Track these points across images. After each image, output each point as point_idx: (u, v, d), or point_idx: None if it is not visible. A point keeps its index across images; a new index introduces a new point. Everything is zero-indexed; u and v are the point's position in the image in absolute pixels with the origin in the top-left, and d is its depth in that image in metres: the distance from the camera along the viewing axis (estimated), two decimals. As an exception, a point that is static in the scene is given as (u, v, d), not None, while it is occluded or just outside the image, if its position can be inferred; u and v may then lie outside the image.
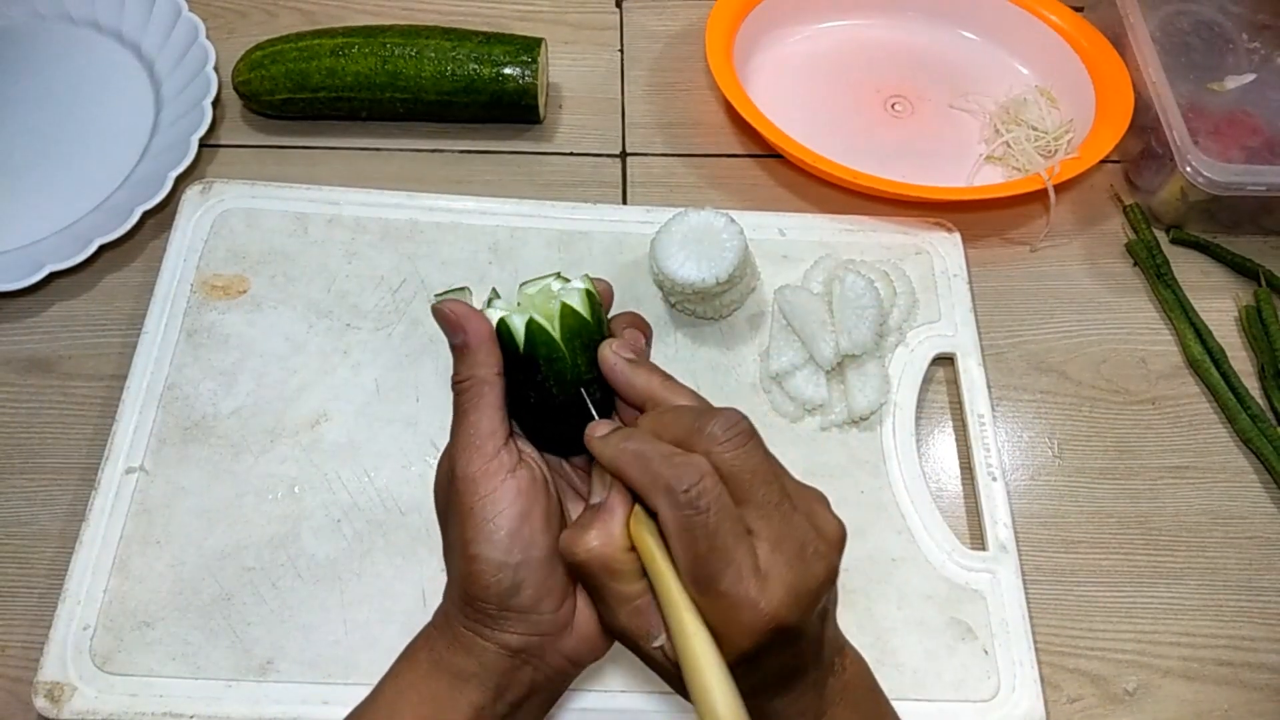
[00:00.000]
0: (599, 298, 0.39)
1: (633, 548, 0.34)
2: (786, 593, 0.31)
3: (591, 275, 0.40)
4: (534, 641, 0.36)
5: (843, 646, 0.37)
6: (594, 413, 0.38)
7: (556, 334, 0.37)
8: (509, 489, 0.35)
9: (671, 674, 0.34)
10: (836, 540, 0.34)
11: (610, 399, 0.39)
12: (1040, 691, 0.48)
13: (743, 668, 0.32)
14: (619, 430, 0.36)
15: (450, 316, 0.37)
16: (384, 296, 0.58)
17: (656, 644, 0.34)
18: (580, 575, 0.35)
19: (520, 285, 0.40)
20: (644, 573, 0.34)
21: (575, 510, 0.39)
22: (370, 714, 0.37)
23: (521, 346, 0.37)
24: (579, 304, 0.38)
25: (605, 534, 0.34)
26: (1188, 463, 0.57)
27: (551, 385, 0.37)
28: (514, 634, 0.36)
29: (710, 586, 0.31)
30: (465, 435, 0.36)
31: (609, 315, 0.41)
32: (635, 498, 0.35)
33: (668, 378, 0.37)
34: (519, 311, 0.38)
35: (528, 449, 0.38)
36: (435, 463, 0.39)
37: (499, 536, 0.35)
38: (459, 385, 0.37)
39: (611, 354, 0.37)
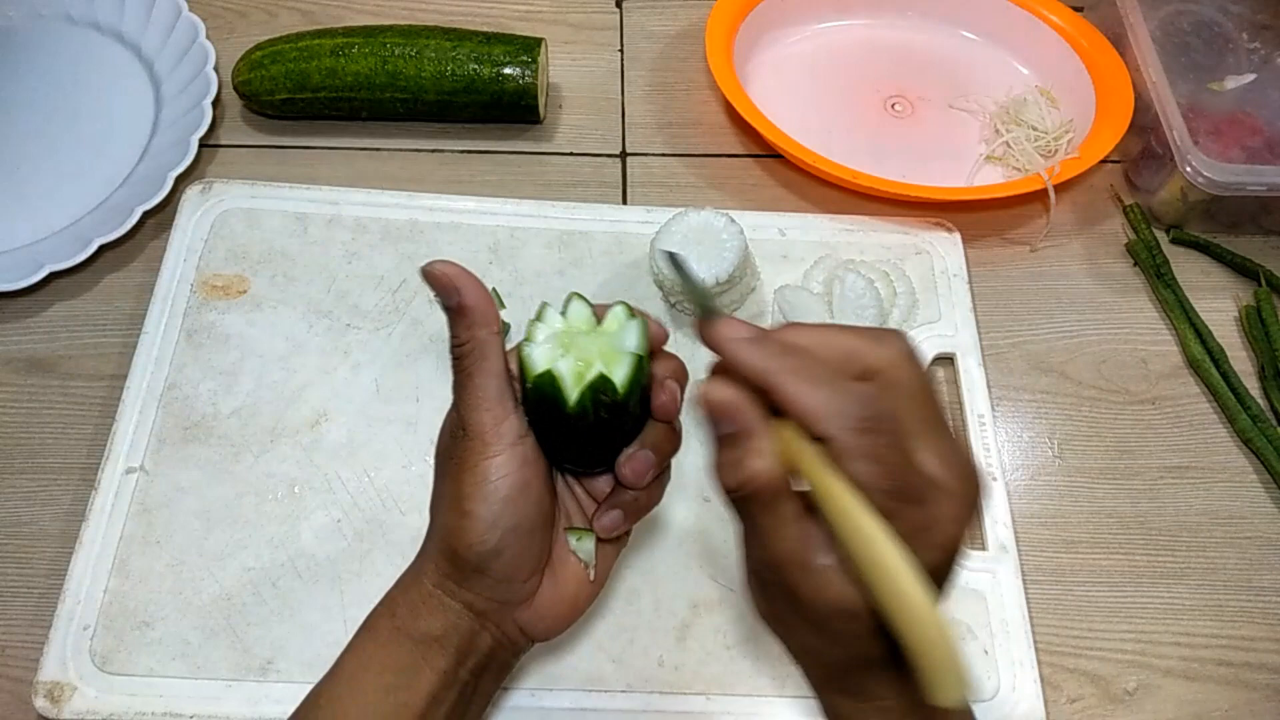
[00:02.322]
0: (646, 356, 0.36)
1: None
2: (965, 507, 0.31)
3: (653, 319, 0.37)
4: (495, 606, 0.37)
5: None
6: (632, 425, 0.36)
7: (623, 390, 0.35)
8: (516, 455, 0.35)
9: (827, 606, 0.31)
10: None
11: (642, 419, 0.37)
12: (1040, 692, 0.48)
13: None
14: (764, 338, 0.32)
15: (442, 278, 0.35)
16: (384, 297, 0.58)
17: (823, 569, 0.31)
18: (742, 507, 0.32)
19: (543, 308, 0.37)
20: (797, 496, 0.31)
21: (566, 509, 0.40)
22: (331, 689, 0.37)
23: (575, 406, 0.35)
24: (620, 376, 0.35)
25: (763, 456, 0.31)
26: (1188, 463, 0.57)
27: (595, 430, 0.36)
28: (479, 596, 0.36)
29: (903, 505, 0.29)
30: (474, 396, 0.35)
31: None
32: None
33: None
34: (554, 348, 0.35)
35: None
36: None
37: (496, 498, 0.35)
38: (460, 349, 0.36)
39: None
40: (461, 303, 0.35)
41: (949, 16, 0.74)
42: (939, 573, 0.30)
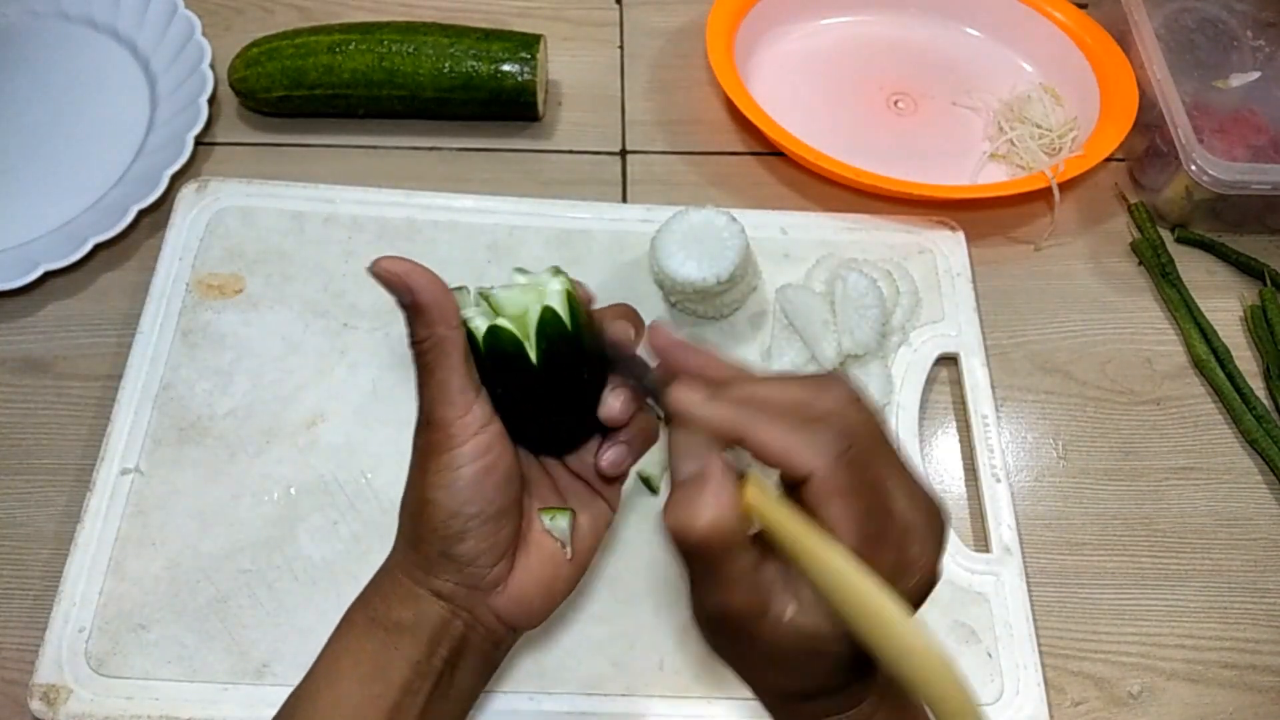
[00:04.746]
0: (578, 299, 0.38)
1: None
2: (935, 546, 0.31)
3: (576, 279, 0.38)
4: (463, 592, 0.37)
5: None
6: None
7: (532, 338, 0.36)
8: (479, 443, 0.35)
9: (792, 649, 0.31)
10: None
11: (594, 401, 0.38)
12: (1044, 695, 0.48)
13: None
14: (721, 394, 0.32)
15: (392, 278, 0.34)
16: (381, 296, 0.56)
17: (787, 616, 0.30)
18: (693, 555, 0.31)
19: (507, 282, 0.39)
20: (751, 542, 0.31)
21: (541, 491, 0.39)
22: (311, 679, 0.37)
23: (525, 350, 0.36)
24: (560, 307, 0.36)
25: (720, 504, 0.30)
26: (1192, 464, 0.56)
27: (541, 390, 0.37)
28: (447, 581, 0.36)
29: (880, 548, 0.30)
30: (436, 391, 0.35)
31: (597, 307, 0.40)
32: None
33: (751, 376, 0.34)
34: (488, 313, 0.37)
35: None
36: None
37: (458, 486, 0.35)
38: (420, 346, 0.35)
39: (685, 394, 0.33)
40: (416, 301, 0.35)
41: (952, 13, 0.74)
42: (915, 608, 0.31)
